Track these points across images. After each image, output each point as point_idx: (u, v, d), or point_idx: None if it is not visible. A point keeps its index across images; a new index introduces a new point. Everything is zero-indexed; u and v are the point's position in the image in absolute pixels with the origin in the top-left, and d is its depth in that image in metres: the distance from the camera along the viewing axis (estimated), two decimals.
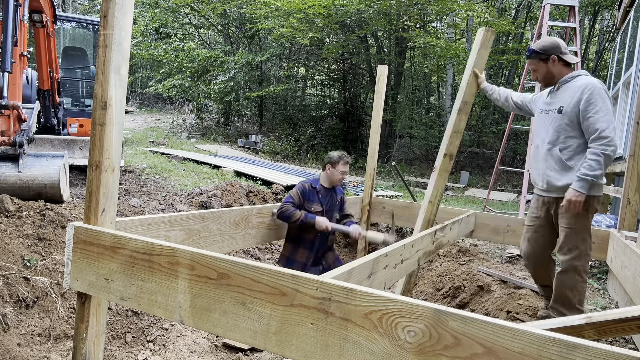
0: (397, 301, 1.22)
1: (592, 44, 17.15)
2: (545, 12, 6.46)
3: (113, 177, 1.81)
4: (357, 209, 4.60)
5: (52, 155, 4.65)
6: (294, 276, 1.36)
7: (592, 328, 1.67)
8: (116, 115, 1.77)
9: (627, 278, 3.04)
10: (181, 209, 4.97)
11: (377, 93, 4.48)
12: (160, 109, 23.23)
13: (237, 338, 1.46)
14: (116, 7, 1.70)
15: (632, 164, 3.55)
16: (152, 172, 7.46)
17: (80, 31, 10.44)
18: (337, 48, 14.91)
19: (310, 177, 9.23)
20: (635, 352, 1.00)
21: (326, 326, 1.30)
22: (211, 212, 2.53)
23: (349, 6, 11.90)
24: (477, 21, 16.33)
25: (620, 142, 5.30)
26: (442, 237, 3.28)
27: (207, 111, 19.84)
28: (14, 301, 2.84)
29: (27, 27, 4.66)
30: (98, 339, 1.83)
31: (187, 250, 1.54)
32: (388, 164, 13.84)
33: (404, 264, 2.46)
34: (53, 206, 3.89)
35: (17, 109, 4.27)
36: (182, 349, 3.33)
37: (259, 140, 15.66)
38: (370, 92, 17.60)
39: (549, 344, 1.05)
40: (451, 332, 1.15)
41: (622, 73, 5.89)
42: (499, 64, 16.19)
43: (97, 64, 1.75)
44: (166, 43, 16.19)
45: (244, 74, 16.00)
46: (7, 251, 3.05)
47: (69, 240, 1.79)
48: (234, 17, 18.06)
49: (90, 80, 8.86)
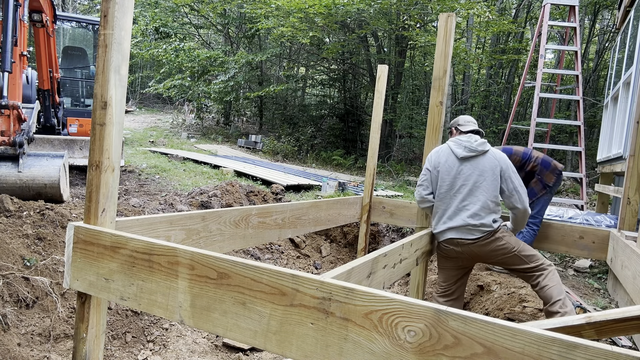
0: (397, 301, 1.22)
1: (592, 43, 17.14)
2: (545, 12, 6.46)
3: (113, 177, 1.81)
4: (357, 209, 4.59)
5: (52, 155, 4.65)
6: (294, 276, 1.36)
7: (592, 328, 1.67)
8: (116, 115, 1.77)
9: (627, 278, 3.04)
10: (181, 208, 4.97)
11: (377, 93, 4.48)
12: (160, 109, 23.24)
13: (237, 338, 1.46)
14: (116, 6, 1.70)
15: (632, 163, 3.54)
16: (152, 172, 7.46)
17: (80, 31, 10.44)
18: (337, 48, 14.91)
19: (310, 176, 9.23)
20: (635, 352, 1.00)
21: (326, 326, 1.30)
22: (211, 212, 2.53)
23: (349, 5, 11.89)
24: (477, 20, 16.33)
25: (620, 142, 5.29)
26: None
27: (207, 111, 19.85)
28: (14, 301, 2.84)
29: (27, 27, 4.66)
30: (98, 338, 1.83)
31: (187, 250, 1.54)
32: (388, 164, 13.84)
33: (403, 263, 2.46)
34: (53, 206, 3.89)
35: (17, 108, 4.27)
36: (182, 348, 3.33)
37: (259, 140, 15.66)
38: (370, 92, 17.60)
39: (549, 343, 1.05)
40: (451, 331, 1.15)
41: (622, 73, 5.89)
42: (499, 64, 16.19)
43: (97, 64, 1.75)
44: (166, 43, 16.18)
45: (244, 73, 15.99)
46: (7, 251, 3.05)
47: (68, 240, 1.79)
48: (234, 17, 18.06)
49: (90, 80, 8.85)
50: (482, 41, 19.18)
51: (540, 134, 12.11)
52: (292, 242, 5.62)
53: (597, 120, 13.34)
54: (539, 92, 6.23)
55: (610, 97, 6.72)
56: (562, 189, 10.29)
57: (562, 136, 14.88)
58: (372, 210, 4.66)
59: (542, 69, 6.40)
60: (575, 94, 6.42)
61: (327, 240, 5.96)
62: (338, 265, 4.43)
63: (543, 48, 6.46)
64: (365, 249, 4.55)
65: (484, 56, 15.19)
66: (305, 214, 3.54)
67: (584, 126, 6.22)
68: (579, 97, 6.28)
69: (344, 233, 5.99)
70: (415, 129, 15.77)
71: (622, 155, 5.02)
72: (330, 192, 7.20)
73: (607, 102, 7.10)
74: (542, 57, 6.44)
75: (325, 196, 6.94)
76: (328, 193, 7.18)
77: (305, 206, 3.55)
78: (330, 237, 6.01)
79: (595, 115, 14.45)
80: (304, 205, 3.52)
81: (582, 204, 5.93)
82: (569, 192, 10.25)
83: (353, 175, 11.82)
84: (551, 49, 13.45)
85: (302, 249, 5.62)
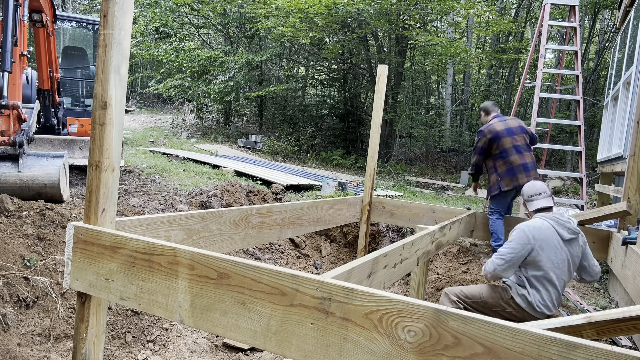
0: (397, 301, 1.22)
1: (592, 43, 17.14)
2: (545, 12, 6.46)
3: (113, 176, 1.81)
4: (357, 209, 4.59)
5: (52, 155, 4.64)
6: (294, 276, 1.36)
7: (592, 328, 1.67)
8: (116, 115, 1.77)
9: (627, 278, 3.04)
10: (181, 208, 4.97)
11: (377, 93, 4.48)
12: (160, 109, 23.24)
13: (237, 338, 1.46)
14: (116, 6, 1.70)
15: (632, 163, 3.54)
16: (152, 172, 7.46)
17: (80, 31, 10.44)
18: (337, 48, 14.90)
19: (310, 176, 9.24)
20: (635, 352, 1.00)
21: (326, 326, 1.30)
22: (211, 212, 2.53)
23: (349, 5, 11.89)
24: (477, 20, 16.32)
25: (620, 142, 5.29)
26: (442, 237, 3.28)
27: (207, 111, 19.84)
28: (14, 301, 2.84)
29: (27, 27, 4.65)
30: (98, 338, 1.83)
31: (187, 250, 1.54)
32: (388, 164, 13.84)
33: (403, 263, 2.46)
34: (53, 206, 3.89)
35: (17, 108, 4.27)
36: (182, 348, 3.33)
37: (259, 140, 15.66)
38: (371, 92, 17.59)
39: (549, 343, 1.05)
40: (451, 331, 1.15)
41: (623, 73, 5.89)
42: (499, 64, 16.18)
43: (97, 64, 1.75)
44: (166, 43, 16.18)
45: (244, 73, 15.99)
46: (7, 251, 3.05)
47: (69, 240, 1.79)
48: (234, 17, 18.06)
49: (90, 80, 8.85)
50: (482, 41, 19.18)
51: (540, 134, 12.08)
52: (292, 242, 5.62)
53: (597, 120, 13.34)
54: (539, 92, 6.23)
55: (611, 97, 6.72)
56: (562, 189, 10.28)
57: (562, 136, 14.87)
58: (372, 210, 4.66)
59: (542, 68, 6.39)
60: (576, 93, 6.42)
61: (327, 240, 5.96)
62: (338, 265, 4.43)
63: (543, 48, 6.46)
64: (365, 249, 4.55)
65: (484, 56, 15.19)
66: (305, 214, 3.54)
67: (584, 126, 6.22)
68: (579, 97, 6.28)
69: (344, 233, 5.99)
70: (416, 128, 15.76)
71: (622, 155, 5.02)
72: (330, 192, 7.20)
73: (607, 102, 7.09)
74: (542, 57, 6.44)
75: (325, 196, 6.94)
76: (328, 193, 7.18)
77: (305, 206, 3.55)
78: (330, 237, 6.01)
79: (595, 115, 14.44)
80: (304, 205, 3.52)
81: (582, 204, 5.93)
82: (569, 192, 10.25)
83: (353, 175, 11.82)
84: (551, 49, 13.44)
85: (302, 249, 5.62)
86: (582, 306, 3.59)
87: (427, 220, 4.57)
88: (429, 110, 18.89)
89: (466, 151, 15.85)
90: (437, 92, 21.35)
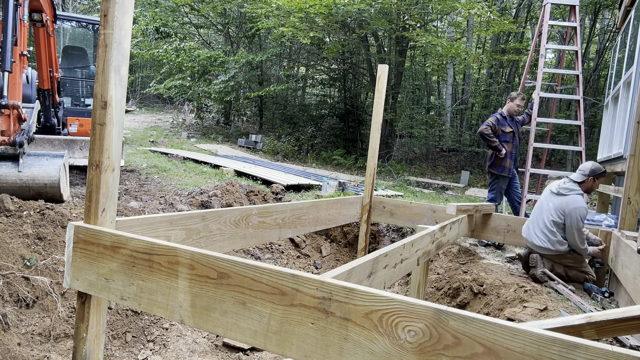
0: (397, 301, 1.22)
1: (593, 43, 17.13)
2: (545, 12, 6.46)
3: (113, 176, 1.81)
4: (357, 209, 4.59)
5: (52, 154, 4.64)
6: (294, 276, 1.36)
7: (593, 328, 1.67)
8: (116, 115, 1.77)
9: (628, 278, 3.04)
10: (181, 208, 4.97)
11: (377, 92, 4.47)
12: (161, 109, 23.24)
13: (238, 338, 1.46)
14: (116, 6, 1.70)
15: (633, 163, 3.54)
16: (152, 172, 7.46)
17: (80, 30, 10.44)
18: (338, 47, 14.90)
19: (310, 176, 9.24)
20: (635, 352, 1.00)
21: (326, 326, 1.30)
22: (211, 212, 2.53)
23: (349, 5, 11.89)
24: (477, 20, 16.32)
25: (620, 142, 5.29)
26: (442, 237, 3.28)
27: (207, 111, 19.84)
28: (14, 301, 2.84)
29: (27, 27, 4.65)
30: (98, 338, 1.83)
31: (187, 250, 1.54)
32: (388, 164, 13.83)
33: (403, 263, 2.46)
34: (53, 206, 3.89)
35: (17, 108, 4.27)
36: (182, 348, 3.33)
37: (259, 140, 15.66)
38: (371, 92, 17.59)
39: (549, 343, 1.05)
40: (451, 331, 1.15)
41: (623, 73, 5.89)
42: (499, 63, 16.17)
43: (97, 64, 1.74)
44: (166, 43, 16.18)
45: (244, 73, 15.99)
46: (7, 251, 3.05)
47: (69, 239, 1.79)
48: (234, 17, 18.05)
49: (90, 80, 8.85)
50: (483, 41, 19.17)
51: (541, 134, 12.11)
52: (292, 241, 5.62)
53: (598, 120, 13.34)
54: (540, 91, 6.23)
55: (611, 97, 6.71)
56: None
57: (562, 136, 14.87)
58: (372, 210, 4.66)
59: (543, 68, 6.39)
60: (576, 93, 6.41)
61: (327, 240, 5.96)
62: (338, 265, 4.43)
63: (543, 48, 6.45)
64: (366, 249, 4.55)
65: (485, 56, 15.18)
66: (305, 214, 3.54)
67: (584, 126, 6.21)
68: (580, 97, 6.27)
69: (344, 233, 5.99)
70: (416, 128, 15.76)
71: (622, 155, 5.02)
72: (331, 192, 7.20)
73: (607, 102, 7.09)
74: (543, 57, 6.43)
75: (325, 196, 6.94)
76: (328, 193, 7.18)
77: (306, 206, 3.54)
78: (331, 237, 6.00)
79: (595, 115, 14.44)
80: (304, 205, 3.52)
81: None
82: None
83: (353, 175, 11.82)
84: (551, 49, 13.44)
85: (302, 249, 5.62)
86: (582, 306, 3.59)
87: (428, 220, 4.57)
88: (429, 110, 18.90)
89: (466, 151, 15.85)
90: (437, 92, 21.35)
